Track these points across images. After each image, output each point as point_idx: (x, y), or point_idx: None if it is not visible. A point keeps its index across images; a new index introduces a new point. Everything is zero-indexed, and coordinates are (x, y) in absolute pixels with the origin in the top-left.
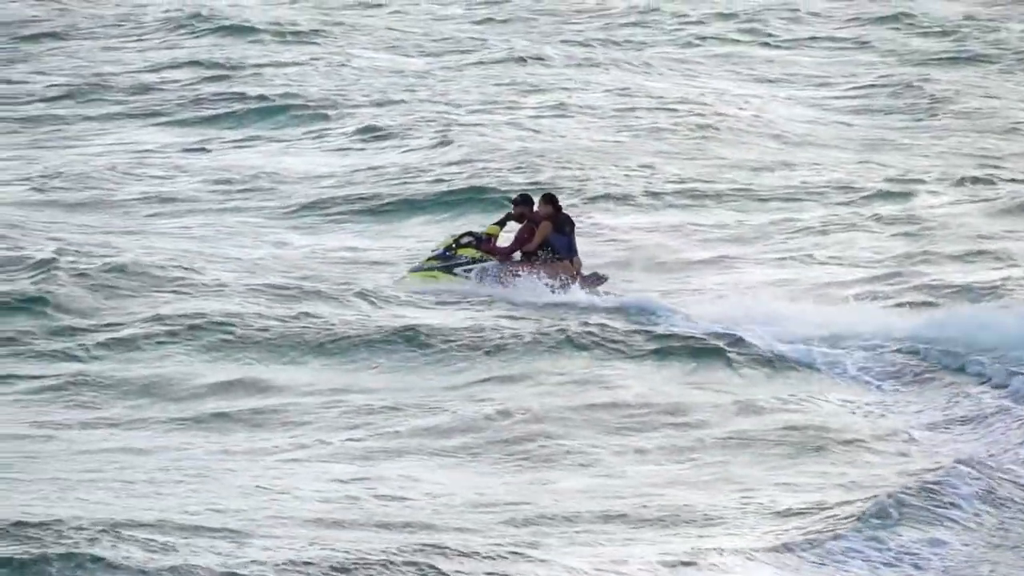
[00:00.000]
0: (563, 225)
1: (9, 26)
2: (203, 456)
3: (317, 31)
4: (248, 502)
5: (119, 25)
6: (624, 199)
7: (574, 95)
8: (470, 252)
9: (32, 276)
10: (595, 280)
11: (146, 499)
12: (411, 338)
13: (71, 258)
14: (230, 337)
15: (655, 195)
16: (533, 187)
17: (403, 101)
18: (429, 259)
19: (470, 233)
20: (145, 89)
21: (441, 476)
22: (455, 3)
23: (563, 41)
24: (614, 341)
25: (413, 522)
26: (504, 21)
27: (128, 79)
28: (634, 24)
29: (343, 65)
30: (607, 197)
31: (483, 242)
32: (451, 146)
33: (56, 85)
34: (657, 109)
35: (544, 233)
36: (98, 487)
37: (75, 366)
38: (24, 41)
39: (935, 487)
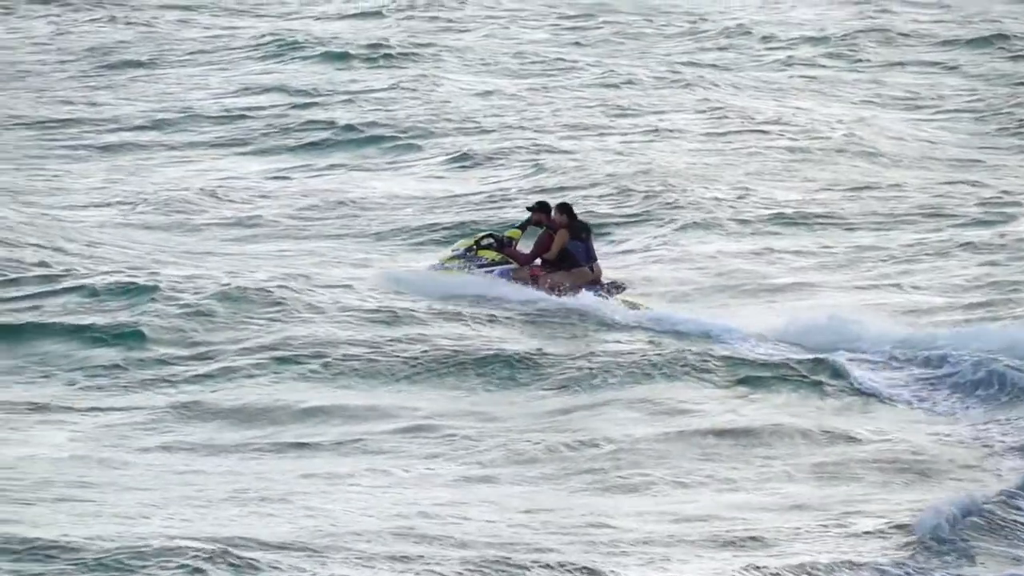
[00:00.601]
0: (580, 232)
1: (96, 52)
2: (291, 480)
3: (406, 55)
4: (331, 524)
5: (206, 52)
6: (715, 223)
7: (665, 118)
8: (490, 254)
9: (125, 304)
10: (614, 288)
11: (238, 522)
12: (497, 365)
13: (164, 284)
14: (319, 363)
15: (747, 219)
16: (626, 217)
17: (492, 128)
18: (449, 258)
19: (491, 235)
20: (233, 117)
21: (522, 501)
22: (543, 27)
23: (653, 64)
24: (700, 368)
25: (493, 543)
26: (593, 44)
27: (215, 105)
28: (724, 48)
29: (432, 90)
30: (698, 223)
31: (504, 245)
32: (542, 172)
33: (143, 112)
34: (748, 132)
35: (562, 241)
36: (191, 512)
37: (170, 393)
38: (112, 68)
39: (1016, 519)
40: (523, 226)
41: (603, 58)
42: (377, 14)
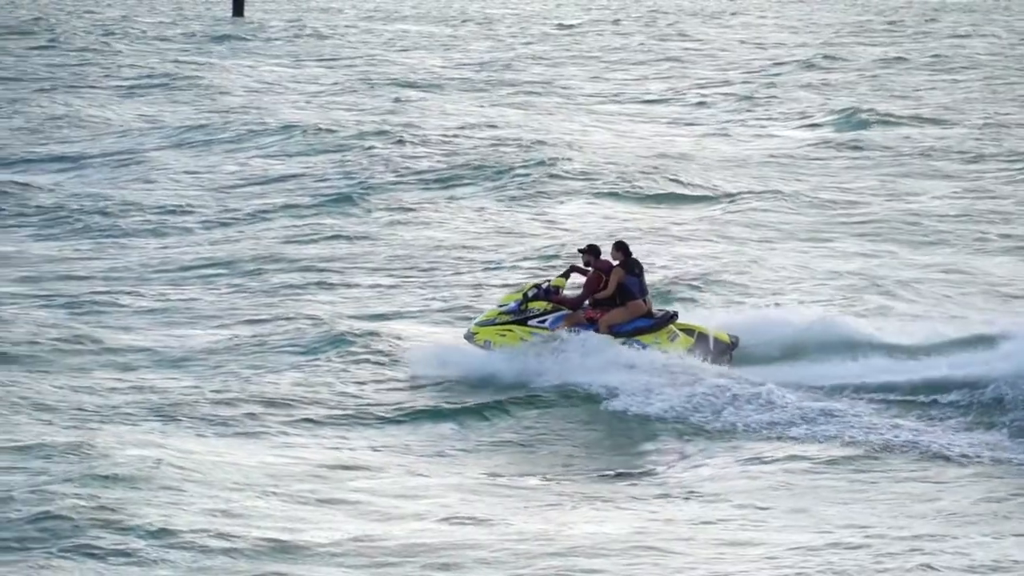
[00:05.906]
0: (633, 268)
1: None
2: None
3: None
4: None
5: None
6: None
7: None
8: (540, 305)
9: None
10: (666, 319)
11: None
12: None
13: None
14: None
15: None
16: None
17: None
18: (500, 314)
19: (536, 286)
20: None
21: None
22: None
23: None
24: None
25: None
26: None
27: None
28: None
29: None
30: None
31: (551, 294)
32: None
33: None
34: None
35: (618, 277)
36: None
37: None
38: None
39: None
40: (566, 274)
41: None
42: None
